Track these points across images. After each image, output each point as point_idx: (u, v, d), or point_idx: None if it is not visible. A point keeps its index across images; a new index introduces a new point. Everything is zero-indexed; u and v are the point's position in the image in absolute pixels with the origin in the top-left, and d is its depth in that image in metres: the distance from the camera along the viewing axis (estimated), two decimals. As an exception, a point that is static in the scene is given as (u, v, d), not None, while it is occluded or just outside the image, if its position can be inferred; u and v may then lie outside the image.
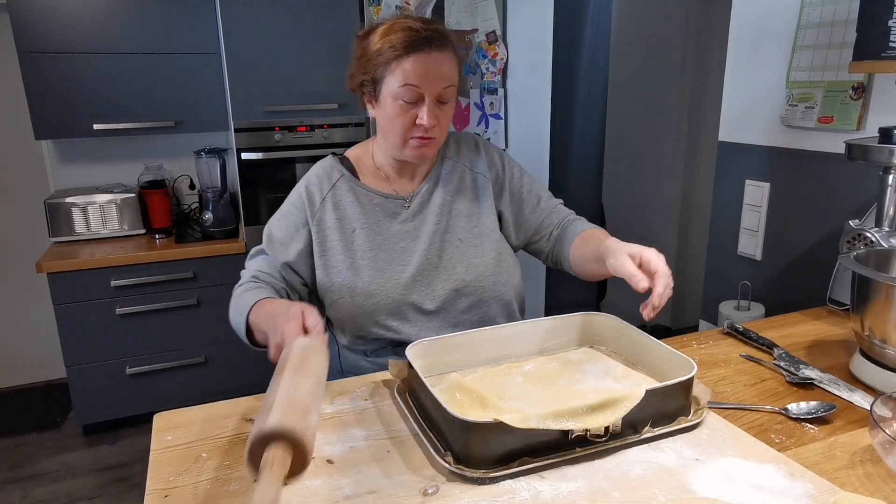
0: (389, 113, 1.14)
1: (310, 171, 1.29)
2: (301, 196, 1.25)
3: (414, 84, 1.10)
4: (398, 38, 1.10)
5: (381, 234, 1.22)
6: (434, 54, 1.11)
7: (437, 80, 1.12)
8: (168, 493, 0.78)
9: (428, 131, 1.14)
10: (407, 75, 1.10)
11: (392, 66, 1.11)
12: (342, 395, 1.02)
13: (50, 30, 2.33)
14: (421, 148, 1.16)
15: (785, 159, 1.72)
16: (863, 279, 1.03)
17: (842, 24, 1.53)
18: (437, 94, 1.12)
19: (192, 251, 2.49)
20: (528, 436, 0.78)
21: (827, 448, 0.87)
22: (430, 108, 1.12)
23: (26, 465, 2.44)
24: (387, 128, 1.17)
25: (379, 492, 0.77)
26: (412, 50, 1.10)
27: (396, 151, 1.19)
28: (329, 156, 1.30)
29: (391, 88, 1.12)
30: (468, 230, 1.26)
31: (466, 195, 1.28)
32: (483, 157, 1.32)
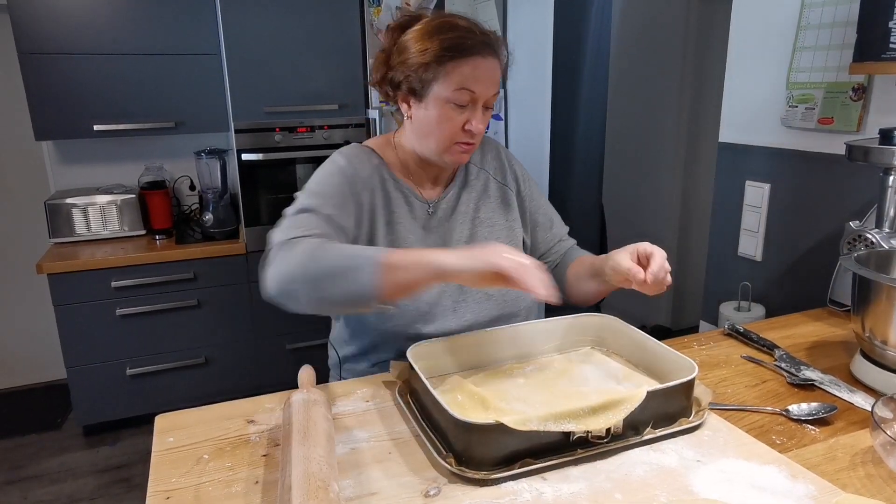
0: (435, 115, 1.08)
1: (344, 151, 1.18)
2: (344, 169, 1.14)
3: (471, 89, 1.06)
4: (453, 39, 1.05)
5: (408, 236, 1.16)
6: (490, 59, 1.07)
7: (491, 86, 1.08)
8: (170, 495, 0.78)
9: (473, 137, 1.10)
10: (464, 79, 1.05)
11: (447, 68, 1.05)
12: (343, 397, 1.02)
13: (50, 30, 2.33)
14: (464, 154, 1.12)
15: (785, 160, 1.72)
16: (863, 280, 1.03)
17: (842, 26, 1.53)
18: (487, 99, 1.09)
19: (192, 252, 2.49)
20: (530, 437, 0.78)
21: (828, 449, 0.87)
22: (480, 113, 1.08)
23: (27, 465, 2.44)
24: (428, 130, 1.10)
25: (380, 493, 0.77)
26: (470, 52, 1.05)
27: (433, 155, 1.13)
28: (354, 144, 1.21)
29: (442, 91, 1.06)
30: (495, 240, 1.23)
31: (492, 204, 1.26)
32: (507, 167, 1.30)
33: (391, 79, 1.12)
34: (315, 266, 0.91)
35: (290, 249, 0.95)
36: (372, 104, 2.73)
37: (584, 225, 3.29)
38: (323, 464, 0.72)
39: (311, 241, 0.96)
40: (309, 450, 0.74)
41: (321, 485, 0.68)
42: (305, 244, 0.95)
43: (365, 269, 0.88)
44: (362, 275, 0.88)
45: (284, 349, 2.72)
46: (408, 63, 1.08)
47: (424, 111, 1.10)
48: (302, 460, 0.72)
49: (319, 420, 0.82)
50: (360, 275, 0.88)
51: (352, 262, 0.90)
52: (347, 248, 0.93)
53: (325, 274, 0.90)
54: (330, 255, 0.92)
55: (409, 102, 1.12)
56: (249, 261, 2.58)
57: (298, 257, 0.93)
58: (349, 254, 0.92)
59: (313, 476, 0.69)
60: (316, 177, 1.15)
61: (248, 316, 2.64)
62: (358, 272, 0.88)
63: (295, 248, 0.95)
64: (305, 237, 0.98)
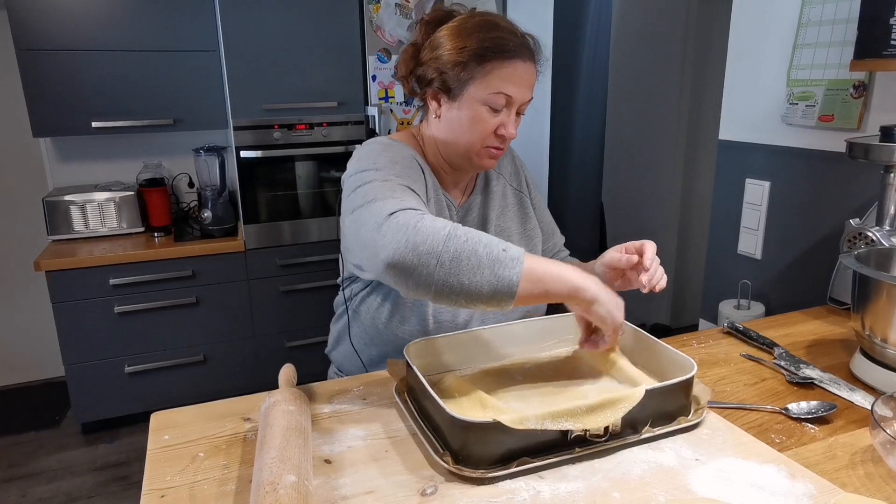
0: (468, 116, 1.04)
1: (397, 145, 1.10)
2: (413, 157, 1.08)
3: (508, 93, 1.02)
4: (495, 39, 1.01)
5: None
6: (528, 64, 1.04)
7: (527, 91, 1.05)
8: (165, 493, 0.77)
9: (504, 142, 1.07)
10: (503, 82, 1.02)
11: (486, 69, 1.01)
12: (340, 395, 1.01)
13: (48, 27, 2.32)
14: (493, 159, 1.09)
15: (785, 158, 1.71)
16: (863, 278, 1.03)
17: (843, 23, 1.53)
18: (522, 105, 1.06)
19: (190, 249, 2.48)
20: (527, 436, 0.78)
21: (827, 448, 0.87)
22: (515, 119, 1.06)
23: (25, 463, 2.44)
24: (459, 131, 1.06)
25: (377, 492, 0.76)
26: (512, 55, 1.02)
27: (460, 157, 1.10)
28: (393, 140, 1.13)
29: (479, 92, 1.02)
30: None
31: (510, 212, 1.24)
32: (521, 173, 1.29)
33: (420, 74, 1.07)
34: (458, 246, 0.83)
35: (423, 219, 0.86)
36: (371, 101, 2.72)
37: (584, 225, 3.29)
38: (275, 463, 0.72)
39: (445, 221, 0.87)
40: (262, 459, 0.75)
41: (269, 489, 0.68)
42: (442, 221, 0.87)
43: (510, 267, 0.83)
44: (507, 271, 0.83)
45: (283, 347, 2.71)
46: (442, 60, 1.03)
47: (457, 111, 1.05)
48: (256, 473, 0.73)
49: (277, 418, 0.82)
50: (505, 271, 0.83)
51: (497, 254, 0.84)
52: (491, 238, 0.86)
53: (467, 257, 0.83)
54: (473, 239, 0.85)
55: (439, 101, 1.08)
56: (248, 258, 2.58)
57: (440, 232, 0.84)
58: (494, 244, 0.85)
59: (262, 484, 0.70)
60: (387, 156, 1.04)
61: (246, 314, 2.64)
62: (503, 267, 0.83)
63: (427, 219, 0.86)
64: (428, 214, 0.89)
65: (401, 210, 0.87)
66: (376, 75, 2.71)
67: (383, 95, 2.74)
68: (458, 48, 1.02)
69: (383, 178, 0.98)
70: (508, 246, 0.86)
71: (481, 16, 1.06)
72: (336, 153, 2.66)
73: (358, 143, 2.66)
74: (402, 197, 0.92)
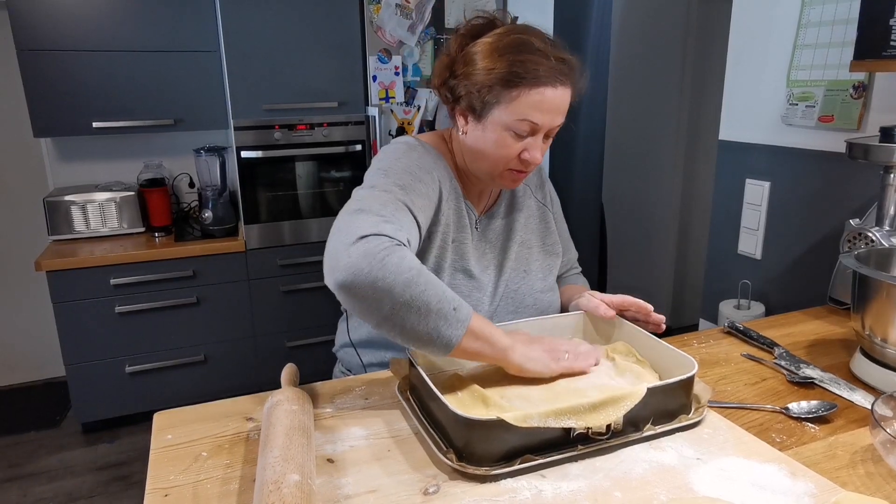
0: (493, 139, 1.02)
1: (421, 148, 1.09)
2: (434, 171, 1.07)
3: (534, 120, 0.99)
4: (524, 64, 0.97)
5: (470, 257, 1.13)
6: (560, 89, 1.00)
7: (556, 118, 1.01)
8: (168, 493, 0.77)
9: (528, 167, 1.05)
10: (529, 110, 0.98)
11: (512, 94, 0.98)
12: (343, 394, 1.01)
13: (49, 27, 2.33)
14: (515, 182, 1.08)
15: (785, 158, 1.72)
16: (863, 278, 1.03)
17: (843, 23, 1.53)
18: (549, 130, 1.03)
19: (191, 249, 2.48)
20: (530, 434, 0.78)
21: (828, 447, 0.87)
22: (540, 143, 1.03)
23: (25, 463, 2.44)
24: (485, 152, 1.04)
25: (380, 491, 0.77)
26: (540, 82, 0.97)
27: (483, 175, 1.08)
28: (416, 139, 1.12)
29: (504, 117, 1.00)
30: (539, 263, 1.22)
31: (532, 225, 1.24)
32: (545, 185, 1.29)
33: (452, 87, 1.05)
34: (412, 294, 0.83)
35: (393, 255, 0.84)
36: (371, 101, 2.72)
37: (583, 225, 3.29)
38: (278, 462, 0.73)
39: (416, 262, 0.87)
40: (265, 458, 0.75)
41: (273, 488, 0.68)
42: (412, 261, 0.86)
43: (454, 325, 0.86)
44: (449, 328, 0.86)
45: (284, 347, 2.72)
46: (471, 78, 1.01)
47: (482, 132, 1.03)
48: (259, 472, 0.73)
49: (280, 418, 0.83)
50: (447, 328, 0.86)
51: (446, 310, 0.86)
52: (447, 292, 0.87)
53: (417, 306, 0.84)
54: (430, 291, 0.85)
55: (466, 118, 1.06)
56: (249, 258, 2.58)
57: (406, 274, 0.84)
58: (448, 299, 0.87)
59: (265, 483, 0.70)
60: (404, 162, 1.03)
61: (247, 314, 2.64)
62: (447, 324, 0.85)
63: (398, 256, 0.85)
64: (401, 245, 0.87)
65: (374, 235, 0.86)
66: (377, 75, 2.71)
67: (384, 96, 2.74)
68: (487, 69, 0.99)
69: (385, 187, 0.96)
70: (460, 306, 0.88)
71: (517, 33, 1.01)
72: (336, 153, 2.66)
73: (359, 143, 2.68)
74: (388, 217, 0.91)
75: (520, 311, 1.19)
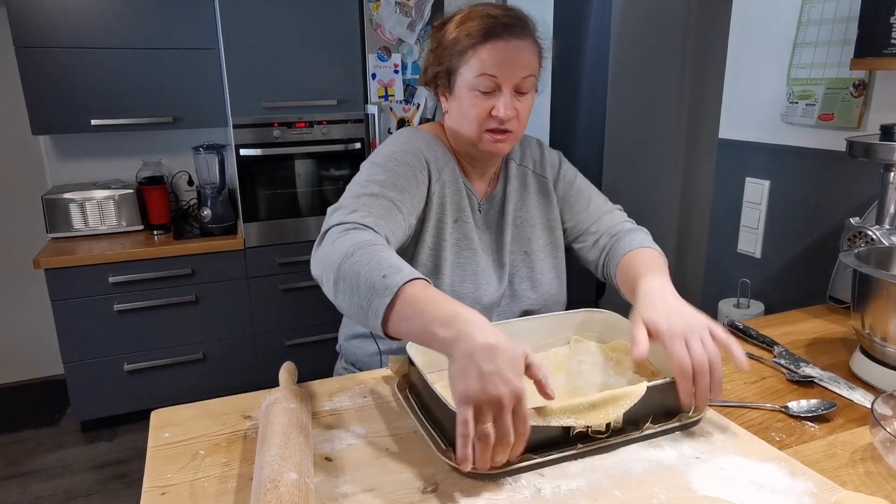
0: (464, 105, 1.08)
1: (417, 134, 1.15)
2: (422, 152, 1.11)
3: (491, 73, 1.04)
4: (475, 26, 1.05)
5: (473, 236, 1.15)
6: (513, 41, 1.04)
7: (515, 69, 1.04)
8: (165, 491, 0.77)
9: (504, 123, 1.06)
10: (483, 64, 1.04)
11: (468, 56, 1.05)
12: (341, 392, 1.01)
13: (47, 24, 2.32)
14: (496, 143, 1.09)
15: (785, 157, 1.71)
16: (863, 277, 1.03)
17: (843, 21, 1.53)
18: (514, 84, 1.05)
19: (190, 248, 2.48)
20: (531, 432, 0.78)
21: (827, 446, 0.87)
22: (507, 98, 1.05)
23: (24, 461, 2.44)
24: (461, 121, 1.10)
25: (378, 489, 0.76)
26: (489, 37, 1.04)
27: (470, 146, 1.12)
28: (416, 128, 1.19)
29: (466, 78, 1.06)
30: (539, 244, 1.22)
31: (532, 201, 1.24)
32: (547, 160, 1.27)
33: (433, 75, 1.13)
34: (347, 266, 0.83)
35: (343, 236, 0.89)
36: (370, 99, 2.72)
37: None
38: (276, 461, 0.72)
39: (364, 237, 0.88)
40: (263, 457, 0.75)
41: (271, 486, 0.68)
42: (357, 237, 0.87)
43: (382, 296, 0.78)
44: (377, 300, 0.78)
45: (283, 345, 2.71)
46: (441, 57, 1.10)
47: (456, 103, 1.10)
48: (257, 470, 0.73)
49: (278, 416, 0.82)
50: (376, 299, 0.79)
51: (376, 280, 0.80)
52: (387, 261, 0.82)
53: (349, 278, 0.83)
54: (365, 261, 0.82)
55: (446, 97, 1.13)
56: (248, 256, 2.58)
57: (343, 249, 0.86)
58: (384, 268, 0.81)
59: (263, 482, 0.70)
60: (391, 148, 1.10)
61: (246, 312, 2.64)
62: (375, 295, 0.79)
63: (348, 236, 0.88)
64: (363, 228, 0.91)
65: (337, 225, 0.92)
66: (376, 73, 2.71)
67: (383, 94, 2.74)
68: (447, 44, 1.09)
69: (368, 176, 1.04)
70: (396, 272, 0.80)
71: (468, 9, 1.09)
72: (336, 151, 2.65)
73: (358, 141, 2.67)
74: (357, 207, 0.96)
75: (517, 296, 1.20)
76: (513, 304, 1.21)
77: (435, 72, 1.12)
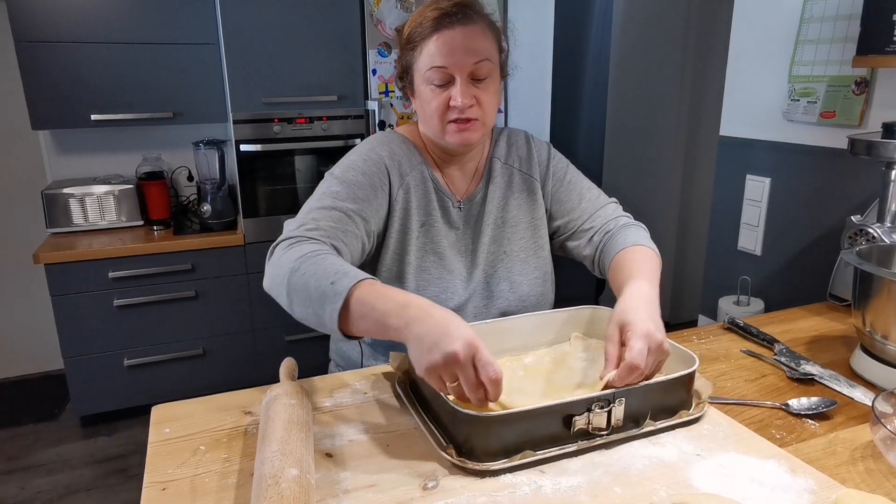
0: (424, 100, 1.08)
1: (386, 140, 1.16)
2: (382, 160, 1.12)
3: (440, 65, 1.03)
4: (425, 20, 1.05)
5: (441, 240, 1.15)
6: (459, 28, 1.03)
7: (465, 56, 1.03)
8: (166, 486, 0.77)
9: (465, 112, 1.05)
10: (433, 57, 1.04)
11: (419, 50, 1.06)
12: (342, 389, 1.01)
13: (47, 19, 2.31)
14: (461, 133, 1.07)
15: (786, 154, 1.71)
16: (864, 275, 1.03)
17: (845, 19, 1.52)
18: (468, 71, 1.04)
19: (190, 243, 2.48)
20: (530, 429, 0.78)
21: (828, 444, 0.87)
22: (462, 86, 1.04)
23: (23, 456, 2.44)
24: (424, 116, 1.10)
25: (378, 485, 0.76)
26: (437, 29, 1.04)
27: (438, 140, 1.12)
28: (390, 130, 1.19)
29: (421, 73, 1.06)
30: (521, 244, 1.21)
31: (517, 200, 1.22)
32: (534, 156, 1.24)
33: (400, 76, 1.14)
34: (296, 280, 0.89)
35: (288, 250, 0.94)
36: (371, 95, 2.71)
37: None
38: (276, 457, 0.72)
39: (308, 249, 0.92)
40: (264, 452, 0.74)
41: (271, 482, 0.68)
42: (302, 250, 0.92)
43: (333, 302, 0.83)
44: (330, 306, 0.84)
45: (283, 341, 2.71)
46: (400, 57, 1.12)
47: (418, 99, 1.11)
48: (258, 466, 0.73)
49: (279, 412, 0.82)
50: (329, 305, 0.84)
51: (326, 288, 0.85)
52: (332, 268, 0.87)
53: (300, 291, 0.88)
54: (312, 272, 0.88)
55: (410, 96, 1.15)
56: (247, 252, 2.58)
57: (289, 264, 0.91)
58: (328, 275, 0.86)
59: (264, 477, 0.69)
60: (352, 158, 1.12)
61: (246, 307, 2.64)
62: (327, 302, 0.84)
63: (292, 250, 0.93)
64: (308, 240, 0.96)
65: (284, 241, 0.97)
66: (376, 69, 2.70)
67: (383, 90, 2.73)
68: (404, 42, 1.10)
69: (327, 191, 1.06)
70: (342, 277, 0.85)
71: (423, 6, 1.10)
72: (336, 147, 2.65)
73: (358, 137, 2.67)
74: (307, 223, 1.00)
75: (494, 297, 1.18)
76: (490, 305, 1.19)
77: (399, 72, 1.14)
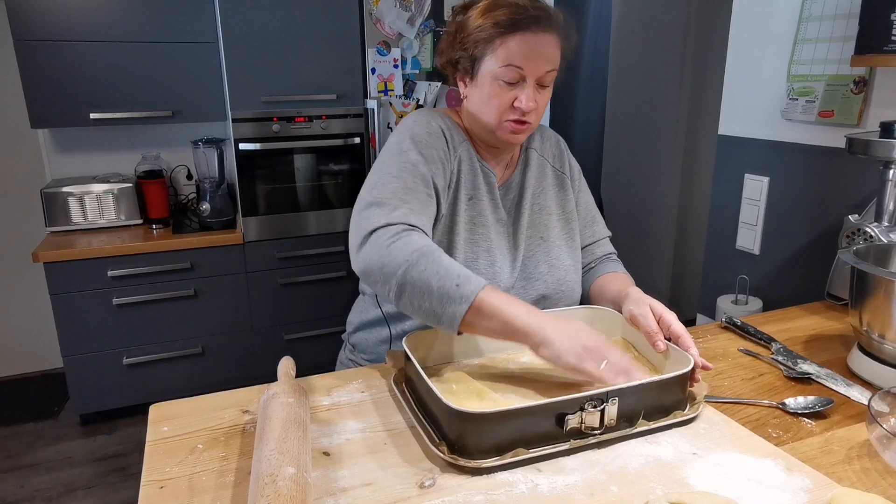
0: (486, 93, 1.08)
1: (434, 113, 1.16)
2: (441, 131, 1.12)
3: (517, 65, 1.04)
4: (503, 15, 1.04)
5: (488, 215, 1.16)
6: (541, 35, 1.05)
7: (541, 63, 1.05)
8: (164, 485, 0.77)
9: (525, 115, 1.07)
10: (511, 55, 1.04)
11: (495, 44, 1.05)
12: (339, 387, 1.01)
13: (46, 18, 2.31)
14: (515, 133, 1.09)
15: (785, 153, 1.71)
16: (862, 274, 1.03)
17: (843, 18, 1.52)
18: (538, 76, 1.06)
19: (189, 242, 2.48)
20: (523, 427, 0.78)
21: (824, 443, 0.87)
22: (530, 91, 1.06)
23: (23, 454, 2.44)
24: (481, 108, 1.10)
25: (375, 484, 0.77)
26: (518, 28, 1.04)
27: (488, 134, 1.13)
28: (437, 110, 1.20)
29: (491, 68, 1.06)
30: (556, 232, 1.22)
31: (550, 191, 1.24)
32: (565, 157, 1.29)
33: (452, 59, 1.13)
34: (414, 275, 0.91)
35: (398, 240, 0.94)
36: (370, 94, 2.71)
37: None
38: (274, 455, 0.72)
39: (420, 242, 0.94)
40: (261, 451, 0.74)
41: (269, 480, 0.68)
42: (415, 242, 0.94)
43: (456, 301, 0.88)
44: (452, 307, 0.88)
45: (281, 339, 2.72)
46: (464, 43, 1.09)
47: (478, 89, 1.10)
48: (255, 464, 0.73)
49: (276, 411, 0.82)
50: (450, 307, 0.89)
51: (448, 287, 0.89)
52: (453, 269, 0.91)
53: (420, 286, 0.91)
54: (433, 270, 0.91)
55: (465, 82, 1.13)
56: (246, 251, 2.58)
57: (404, 256, 0.92)
58: (451, 276, 0.90)
59: (261, 476, 0.69)
60: (415, 130, 1.11)
61: (245, 306, 2.64)
62: (450, 301, 0.89)
63: (403, 241, 0.94)
64: (412, 229, 0.97)
65: (382, 227, 0.96)
66: (376, 68, 2.70)
67: (382, 88, 2.73)
68: (475, 28, 1.07)
69: (398, 170, 1.04)
70: (467, 281, 0.89)
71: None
72: (335, 146, 2.65)
73: (357, 136, 2.67)
74: (398, 204, 1.00)
75: (533, 278, 1.19)
76: (528, 287, 1.19)
77: (455, 57, 1.11)
